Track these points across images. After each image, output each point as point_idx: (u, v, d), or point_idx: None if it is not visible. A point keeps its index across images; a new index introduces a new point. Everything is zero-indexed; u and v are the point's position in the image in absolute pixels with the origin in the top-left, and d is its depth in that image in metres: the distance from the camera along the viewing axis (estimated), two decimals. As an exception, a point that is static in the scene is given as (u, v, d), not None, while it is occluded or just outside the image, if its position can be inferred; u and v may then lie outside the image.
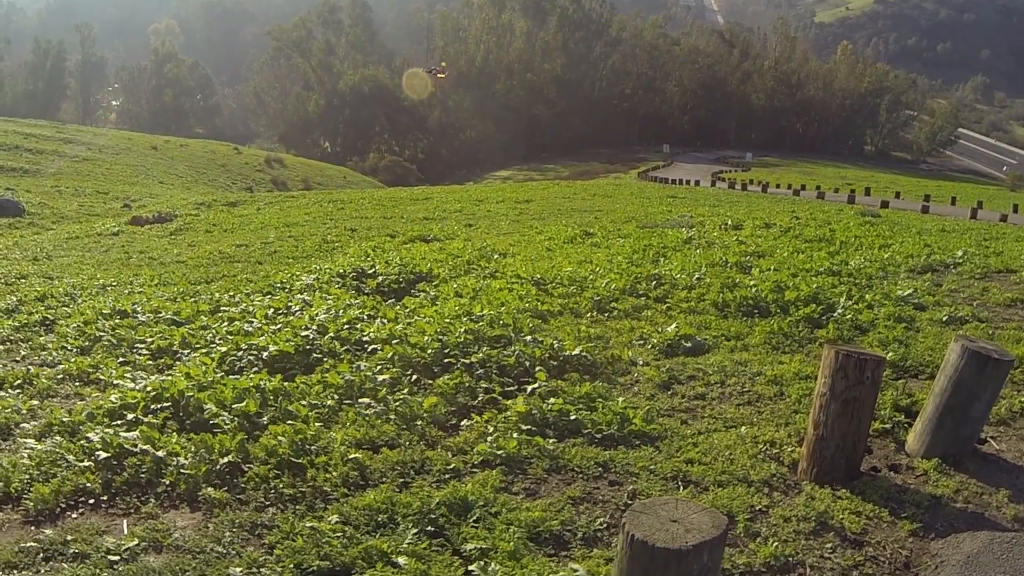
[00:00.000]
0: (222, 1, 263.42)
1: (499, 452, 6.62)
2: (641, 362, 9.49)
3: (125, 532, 5.75)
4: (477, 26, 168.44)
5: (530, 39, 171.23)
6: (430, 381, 8.47)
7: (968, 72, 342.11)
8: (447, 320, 10.30)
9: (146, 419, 7.47)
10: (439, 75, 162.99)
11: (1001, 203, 61.40)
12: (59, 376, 9.65)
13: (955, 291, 13.32)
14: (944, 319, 11.35)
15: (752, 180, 77.41)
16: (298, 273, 15.84)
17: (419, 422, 7.34)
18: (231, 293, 14.38)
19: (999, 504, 6.37)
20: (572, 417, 7.35)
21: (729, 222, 24.13)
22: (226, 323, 11.45)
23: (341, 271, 14.84)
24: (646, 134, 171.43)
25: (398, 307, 12.10)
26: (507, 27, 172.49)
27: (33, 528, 5.98)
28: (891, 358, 9.38)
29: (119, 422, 7.52)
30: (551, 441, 6.92)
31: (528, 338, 9.63)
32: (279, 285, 14.66)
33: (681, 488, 6.30)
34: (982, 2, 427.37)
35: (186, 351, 10.25)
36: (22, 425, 7.88)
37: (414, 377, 8.60)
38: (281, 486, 6.19)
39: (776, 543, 5.57)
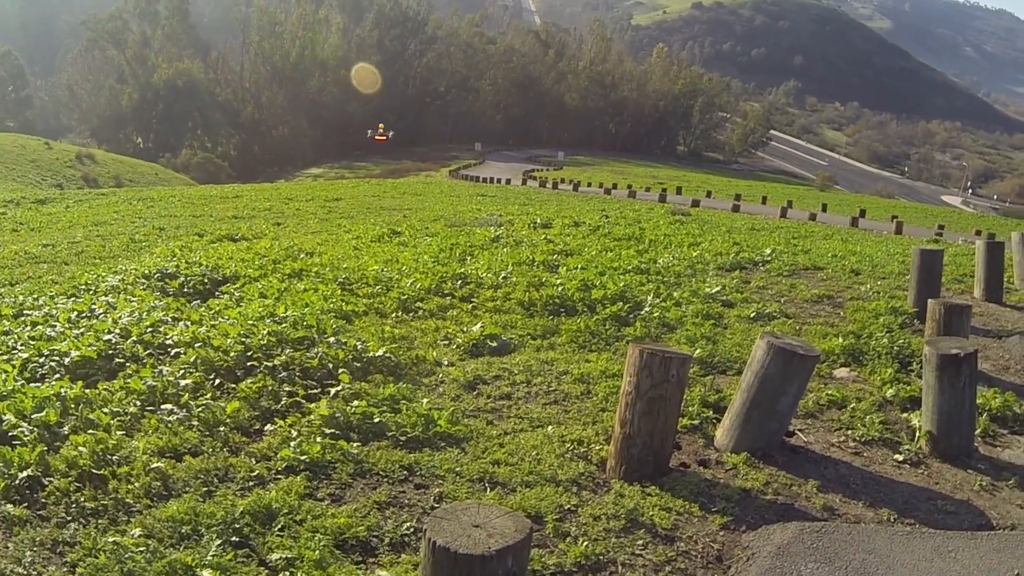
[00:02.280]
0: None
1: (303, 457, 6.56)
2: (446, 362, 9.55)
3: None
4: (293, 21, 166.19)
5: (346, 35, 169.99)
6: (233, 385, 8.35)
7: (781, 77, 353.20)
8: (251, 322, 10.20)
9: (-61, 433, 7.21)
10: (379, 138, 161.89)
11: (810, 202, 63.45)
12: None
13: (763, 288, 13.71)
14: (752, 315, 11.70)
15: (563, 179, 77.84)
16: (104, 274, 15.52)
17: (222, 428, 7.25)
18: (35, 296, 14.02)
19: (808, 495, 6.59)
20: (376, 420, 7.32)
21: (538, 220, 24.32)
22: (29, 328, 11.12)
23: (146, 272, 14.62)
24: (459, 133, 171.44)
25: (203, 309, 11.96)
26: (323, 23, 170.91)
27: None
28: (699, 355, 9.62)
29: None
30: (355, 445, 6.89)
31: (332, 339, 9.60)
32: (84, 287, 14.37)
33: (488, 490, 6.31)
34: (796, 10, 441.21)
35: (-15, 358, 9.90)
36: None
37: (217, 381, 8.49)
38: (83, 500, 6.00)
39: (586, 542, 5.63)
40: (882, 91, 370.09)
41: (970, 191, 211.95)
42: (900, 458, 7.44)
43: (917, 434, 7.78)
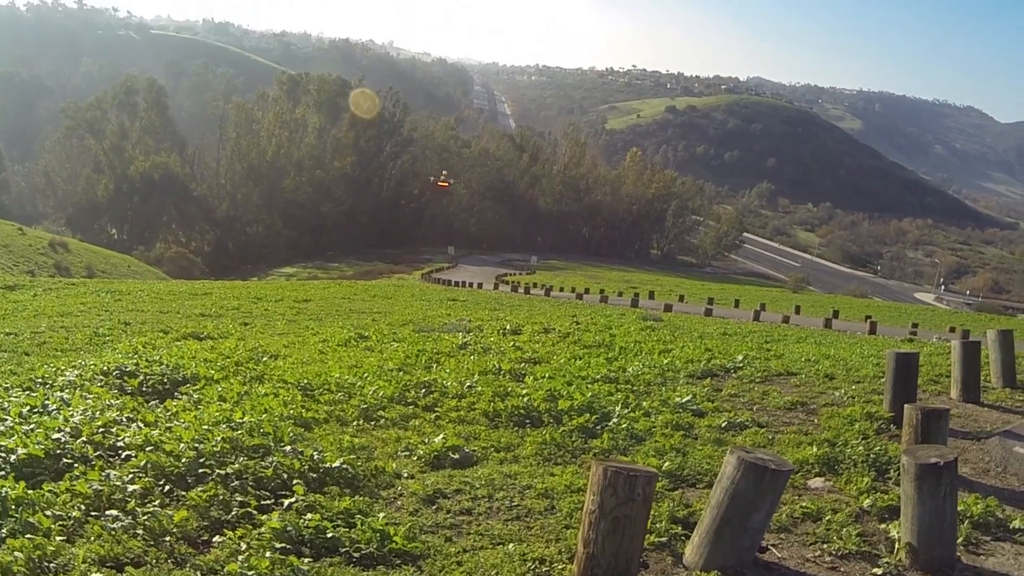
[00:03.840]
0: (19, 72, 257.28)
1: (251, 573, 6.24)
2: (406, 474, 9.26)
3: None
4: (270, 119, 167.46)
5: (322, 136, 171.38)
6: (183, 492, 8.03)
7: (754, 179, 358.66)
8: (206, 426, 9.87)
9: None
10: (441, 184, 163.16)
11: (784, 304, 63.62)
12: None
13: (735, 396, 13.54)
14: (723, 425, 11.48)
15: (536, 283, 78.22)
16: (63, 368, 15.20)
17: (168, 538, 6.94)
18: (-10, 386, 13.66)
19: (782, 614, 6.32)
20: (329, 534, 7.02)
21: (508, 327, 24.24)
22: (-21, 420, 10.76)
23: (106, 368, 14.32)
24: (432, 235, 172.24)
25: (159, 410, 11.65)
26: (300, 122, 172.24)
27: None
28: (667, 468, 9.38)
29: None
30: (307, 560, 6.58)
31: (288, 448, 9.29)
32: (40, 380, 14.02)
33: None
34: (768, 112, 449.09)
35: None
36: None
37: (167, 488, 8.16)
38: (14, 611, 5.72)
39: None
40: (854, 191, 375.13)
41: (943, 287, 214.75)
42: (879, 572, 7.17)
43: (896, 546, 7.52)
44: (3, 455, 8.93)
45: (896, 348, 15.93)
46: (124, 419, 10.72)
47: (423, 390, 13.09)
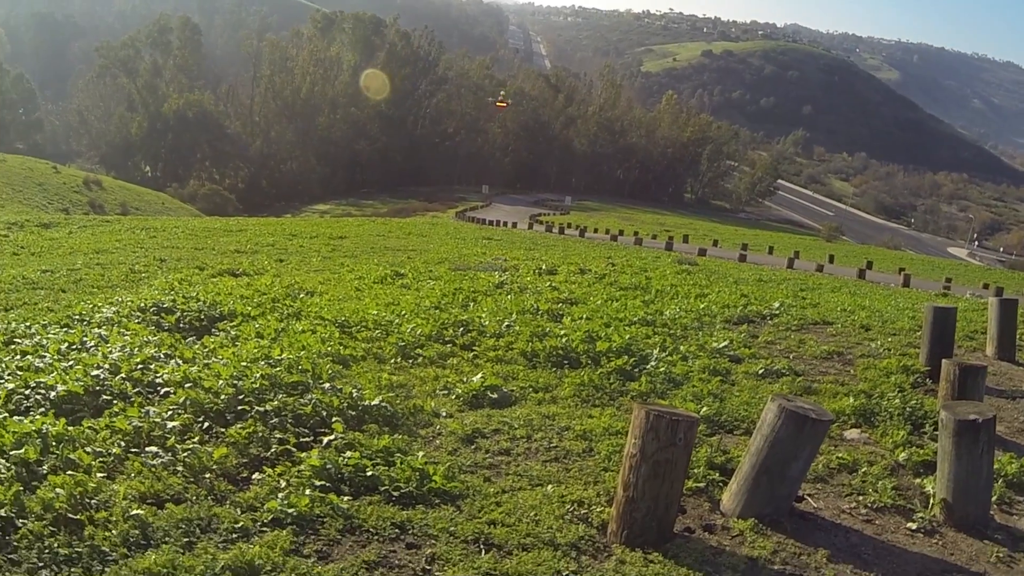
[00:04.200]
0: (53, 13, 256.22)
1: (290, 510, 6.25)
2: (444, 413, 9.27)
3: None
4: (305, 57, 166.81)
5: (356, 74, 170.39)
6: (222, 429, 8.06)
7: (789, 126, 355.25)
8: (244, 363, 9.91)
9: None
10: (500, 104, 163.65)
11: (817, 253, 63.17)
12: None
13: (771, 343, 13.48)
14: (760, 372, 11.44)
15: (570, 224, 78.08)
16: (99, 305, 15.26)
17: (208, 475, 6.97)
18: (28, 323, 13.70)
19: (817, 565, 6.29)
20: (369, 473, 7.02)
21: (544, 267, 24.22)
22: (17, 357, 10.78)
23: (143, 305, 14.37)
24: (467, 174, 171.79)
25: (197, 346, 11.69)
26: (335, 60, 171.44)
27: None
28: (705, 413, 9.37)
29: None
30: (346, 499, 6.59)
31: (327, 385, 9.33)
32: (78, 317, 14.11)
33: (483, 552, 6.03)
34: (806, 60, 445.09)
35: (-31, 387, 9.59)
36: None
37: (206, 424, 8.20)
38: (57, 545, 5.67)
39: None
40: (889, 142, 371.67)
41: (976, 243, 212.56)
42: (913, 527, 7.14)
43: (931, 501, 7.49)
44: (43, 392, 9.01)
45: (930, 302, 15.84)
46: (162, 356, 10.78)
47: (461, 329, 13.09)
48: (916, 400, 10.19)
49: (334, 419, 8.34)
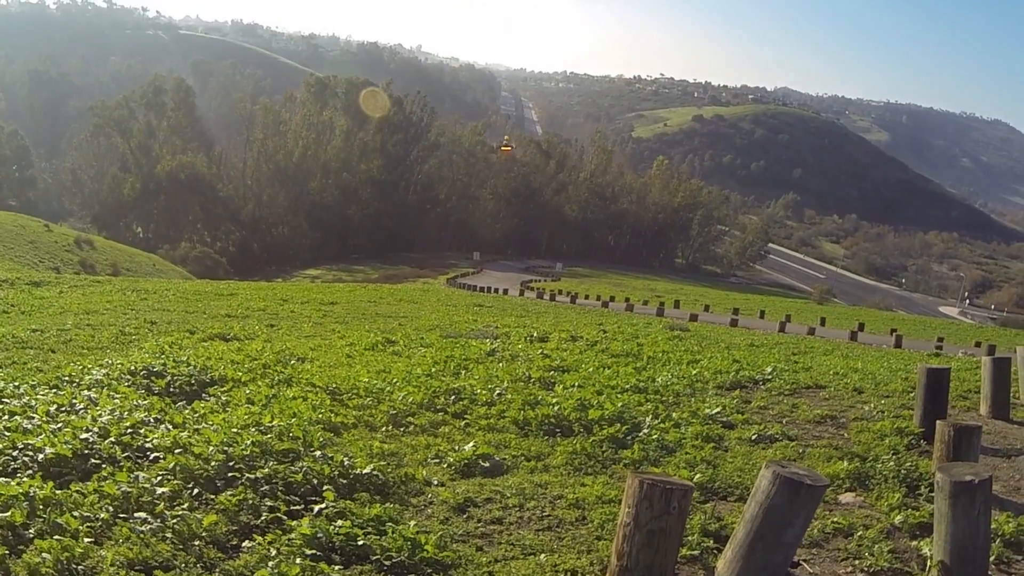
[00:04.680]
0: (48, 71, 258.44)
1: (280, 579, 6.21)
2: (436, 482, 9.21)
3: None
4: (298, 121, 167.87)
5: (349, 138, 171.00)
6: (212, 496, 7.99)
7: (780, 189, 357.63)
8: (235, 430, 9.87)
9: None
10: (505, 148, 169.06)
11: (809, 316, 63.34)
12: None
13: (764, 408, 13.47)
14: (753, 438, 11.44)
15: (561, 290, 78.26)
16: (89, 367, 15.25)
17: (197, 542, 6.89)
18: (16, 383, 13.64)
19: (815, 630, 6.25)
20: (360, 542, 6.95)
21: (535, 334, 24.27)
22: (5, 418, 10.70)
23: (133, 368, 14.34)
24: (458, 240, 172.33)
25: (187, 411, 11.64)
26: (327, 124, 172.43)
27: None
28: (699, 480, 9.34)
29: None
30: (337, 568, 6.53)
31: (318, 453, 9.28)
32: (67, 379, 14.07)
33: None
34: (795, 123, 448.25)
35: (-45, 450, 9.52)
36: None
37: (196, 491, 8.12)
38: (43, 612, 5.66)
39: None
40: (880, 203, 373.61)
41: (967, 301, 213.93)
42: (911, 590, 7.11)
43: (928, 563, 7.44)
44: (30, 454, 8.94)
45: (923, 362, 15.87)
46: (152, 420, 10.73)
47: (452, 397, 13.07)
48: (911, 462, 10.19)
49: (325, 487, 8.27)
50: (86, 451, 9.13)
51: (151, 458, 9.14)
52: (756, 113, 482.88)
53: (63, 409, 11.31)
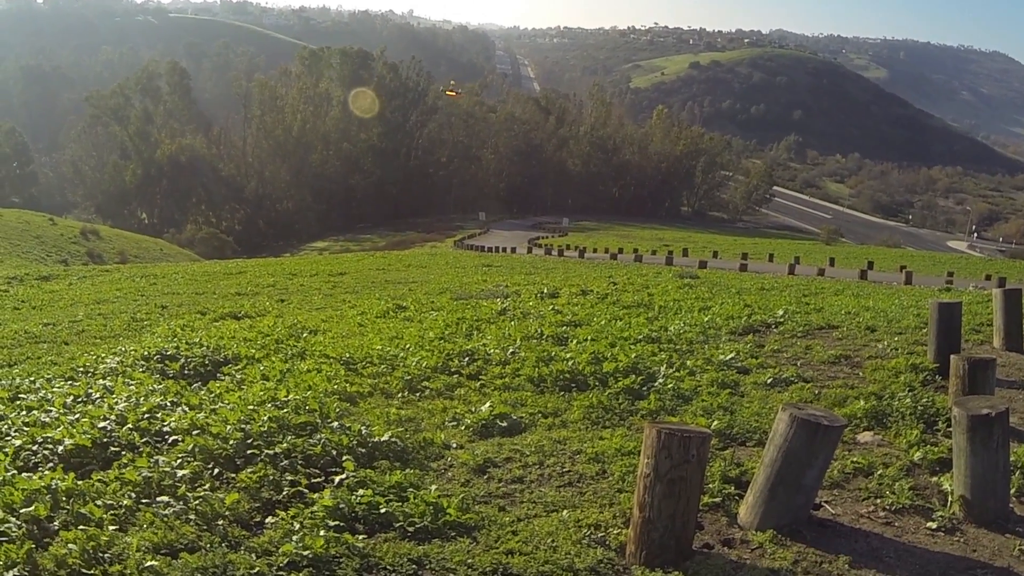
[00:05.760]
0: (40, 65, 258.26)
1: (306, 552, 6.18)
2: (455, 445, 9.19)
3: None
4: (294, 95, 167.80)
5: (347, 109, 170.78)
6: (233, 475, 7.97)
7: (781, 132, 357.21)
8: (251, 407, 9.84)
9: (-78, 529, 6.86)
10: (449, 92, 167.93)
11: (818, 257, 63.18)
12: None
13: (778, 351, 13.45)
14: (768, 381, 11.40)
15: (569, 245, 78.09)
16: (103, 355, 15.24)
17: (221, 521, 6.89)
18: (32, 378, 13.74)
19: (840, 571, 6.23)
20: (383, 510, 6.95)
21: (545, 290, 24.22)
22: (24, 413, 10.78)
23: (146, 353, 14.33)
24: (463, 202, 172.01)
25: (203, 392, 11.61)
26: (324, 96, 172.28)
27: None
28: (716, 427, 9.32)
29: None
30: (361, 537, 6.53)
31: (335, 424, 9.24)
32: (82, 369, 14.09)
33: (502, 582, 5.98)
34: (793, 64, 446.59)
35: (-23, 446, 9.55)
36: None
37: (216, 471, 8.11)
38: (72, 602, 5.67)
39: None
40: (882, 140, 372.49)
41: (975, 235, 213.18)
42: (934, 526, 7.08)
43: (950, 499, 7.44)
44: (50, 447, 8.95)
45: (934, 298, 15.83)
46: (168, 404, 10.70)
47: (466, 358, 13.03)
48: (927, 398, 10.16)
49: (344, 458, 8.26)
50: (105, 440, 9.14)
51: (170, 441, 9.13)
52: (753, 57, 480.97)
53: (80, 400, 11.34)
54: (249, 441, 8.67)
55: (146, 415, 9.95)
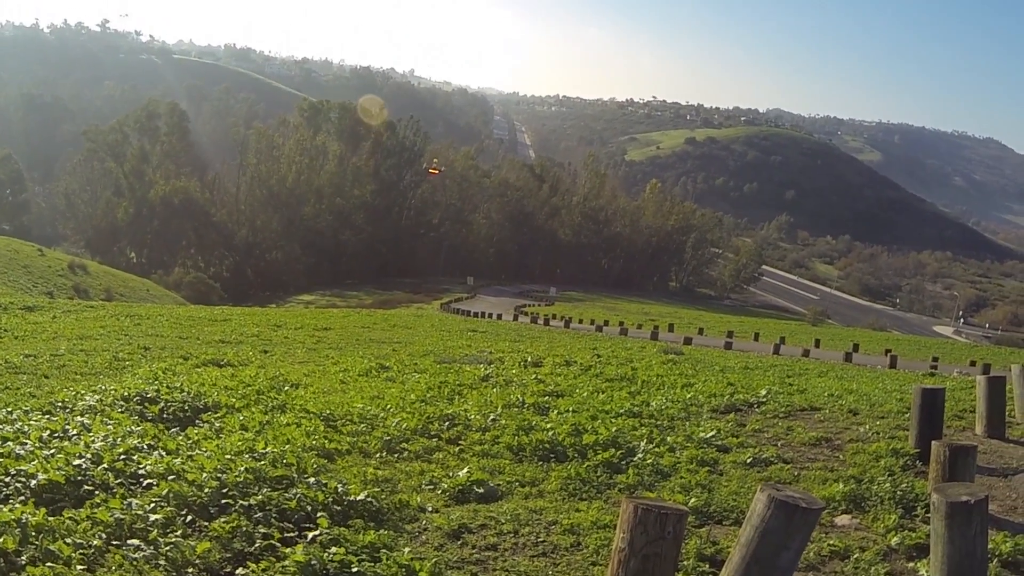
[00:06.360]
0: (42, 95, 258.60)
1: (274, 606, 6.17)
2: (430, 508, 9.18)
3: None
4: (291, 146, 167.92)
5: (342, 163, 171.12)
6: (206, 523, 7.95)
7: (773, 211, 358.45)
8: (228, 456, 9.83)
9: None
10: (432, 171, 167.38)
11: (803, 338, 63.21)
12: None
13: (759, 431, 13.48)
14: (748, 461, 11.46)
15: (555, 315, 78.06)
16: (82, 392, 15.21)
17: (191, 569, 6.87)
18: (9, 409, 13.66)
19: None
20: (355, 569, 6.91)
21: (529, 359, 24.22)
22: (-2, 443, 10.70)
23: (126, 394, 14.32)
24: (452, 265, 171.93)
25: (181, 437, 11.61)
26: (320, 149, 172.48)
27: None
28: (694, 504, 9.34)
29: None
30: (331, 595, 6.51)
31: (312, 480, 9.22)
32: (60, 404, 14.06)
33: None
34: (788, 144, 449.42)
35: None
36: None
37: (189, 518, 8.08)
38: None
39: None
40: (873, 223, 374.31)
41: (962, 320, 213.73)
42: (909, 612, 7.08)
43: (926, 586, 7.44)
44: (23, 480, 8.92)
45: (918, 383, 15.91)
46: (145, 446, 10.69)
47: (446, 423, 13.06)
48: (907, 483, 10.22)
49: (319, 514, 8.24)
50: (79, 477, 9.12)
51: (144, 485, 9.12)
52: (748, 135, 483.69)
53: (56, 435, 11.31)
54: (224, 491, 8.65)
55: (122, 456, 9.94)
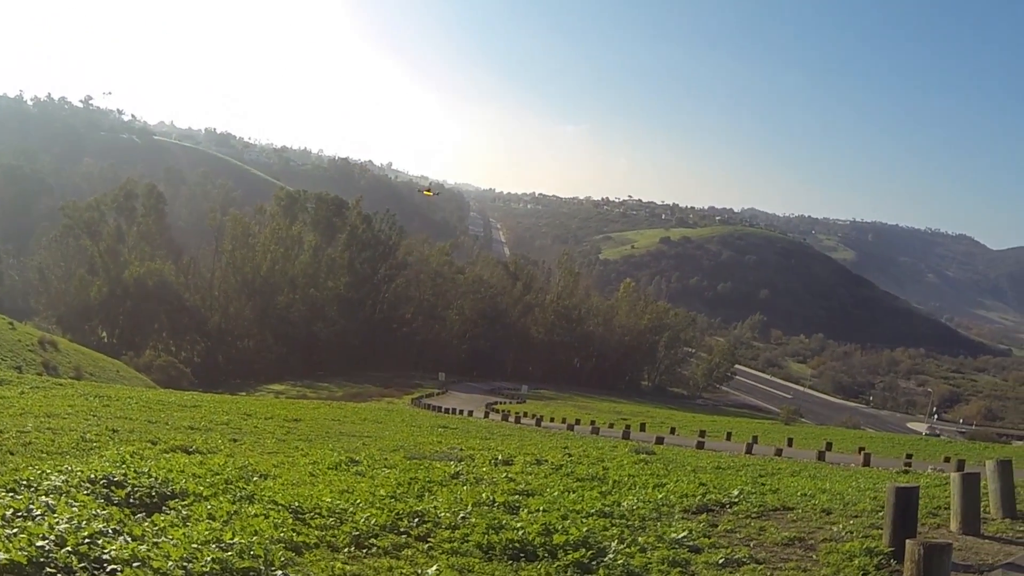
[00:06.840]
0: (21, 166, 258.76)
1: None
2: (398, 607, 9.07)
3: None
4: (267, 234, 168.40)
5: (317, 254, 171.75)
6: (171, 613, 7.85)
7: (747, 310, 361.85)
8: (195, 545, 9.67)
9: None
10: (427, 192, 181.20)
11: (776, 437, 63.38)
12: None
13: (731, 531, 13.52)
14: (720, 562, 11.53)
15: (526, 413, 78.11)
16: (48, 471, 14.96)
17: (152, 661, 6.74)
18: (-29, 485, 13.43)
19: None
20: (321, 664, 6.82)
21: (500, 457, 24.24)
22: (-41, 519, 10.50)
23: (92, 476, 14.13)
24: (424, 360, 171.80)
25: (147, 523, 11.41)
26: (296, 239, 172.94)
27: None
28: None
29: None
30: None
31: (279, 573, 9.16)
32: (25, 483, 13.78)
33: None
34: (762, 244, 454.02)
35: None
36: None
37: (152, 607, 7.97)
38: None
39: None
40: (847, 321, 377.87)
41: (935, 416, 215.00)
42: None
43: None
44: (-16, 559, 8.74)
45: (892, 481, 15.95)
46: (111, 531, 10.46)
47: (416, 519, 12.98)
48: (881, 582, 10.13)
49: (284, 609, 8.12)
50: (41, 559, 8.94)
51: (108, 570, 8.93)
52: (723, 234, 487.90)
53: (20, 514, 11.07)
54: (190, 580, 8.50)
55: (87, 539, 9.73)
